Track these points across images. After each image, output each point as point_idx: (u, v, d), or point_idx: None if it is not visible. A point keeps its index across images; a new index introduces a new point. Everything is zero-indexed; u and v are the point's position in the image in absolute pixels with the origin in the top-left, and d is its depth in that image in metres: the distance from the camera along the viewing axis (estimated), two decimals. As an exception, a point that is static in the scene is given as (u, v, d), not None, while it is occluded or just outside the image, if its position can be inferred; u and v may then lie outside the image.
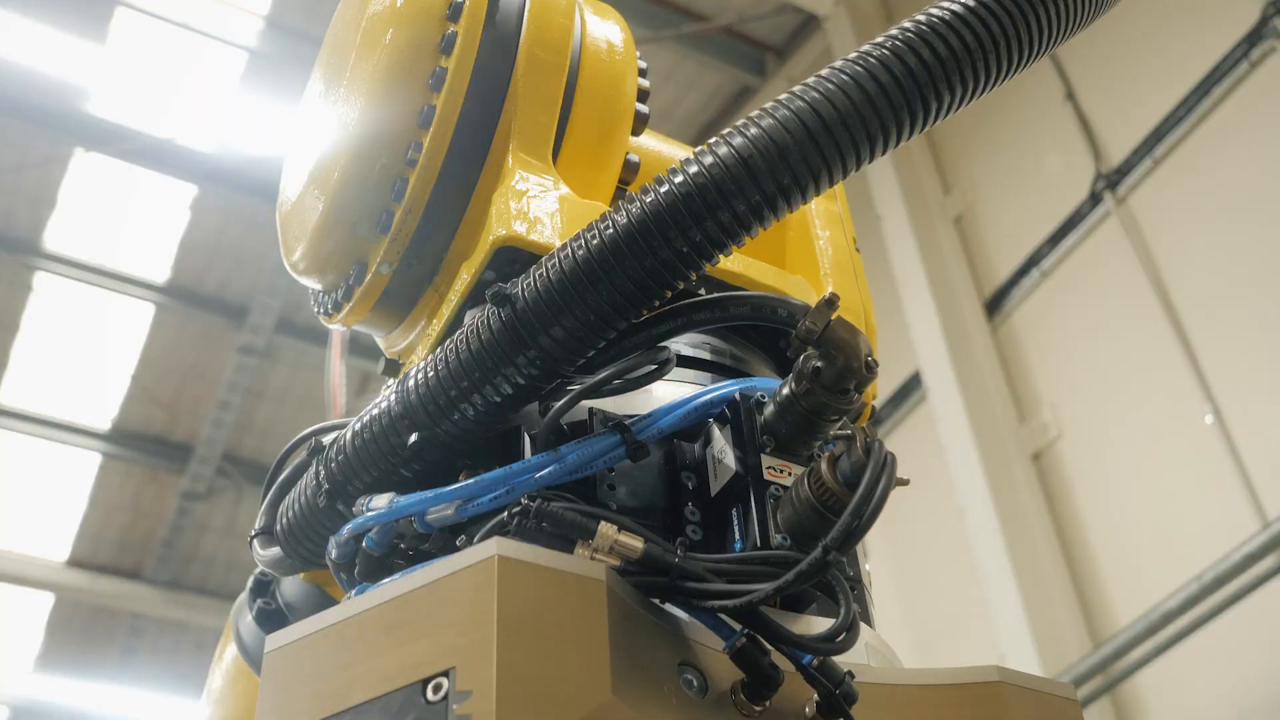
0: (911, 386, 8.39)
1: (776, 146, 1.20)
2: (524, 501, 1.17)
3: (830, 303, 1.24)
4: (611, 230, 1.23)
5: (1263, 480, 6.18)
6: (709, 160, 1.22)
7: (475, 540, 1.22)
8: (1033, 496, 7.27)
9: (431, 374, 1.31)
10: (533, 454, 1.34)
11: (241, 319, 11.74)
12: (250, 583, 2.08)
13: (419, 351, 1.65)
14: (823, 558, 1.09)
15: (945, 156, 8.76)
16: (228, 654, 2.05)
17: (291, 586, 1.98)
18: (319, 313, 1.82)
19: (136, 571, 13.33)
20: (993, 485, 7.16)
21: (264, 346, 11.93)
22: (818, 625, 1.26)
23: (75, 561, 13.06)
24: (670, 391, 1.43)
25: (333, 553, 1.39)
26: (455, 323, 1.57)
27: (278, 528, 1.47)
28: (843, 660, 1.18)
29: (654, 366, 1.32)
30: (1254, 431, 6.30)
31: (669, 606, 1.18)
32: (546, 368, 1.28)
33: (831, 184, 1.24)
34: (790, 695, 1.18)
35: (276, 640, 1.15)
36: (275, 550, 1.54)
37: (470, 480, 1.28)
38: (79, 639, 13.80)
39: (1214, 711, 6.16)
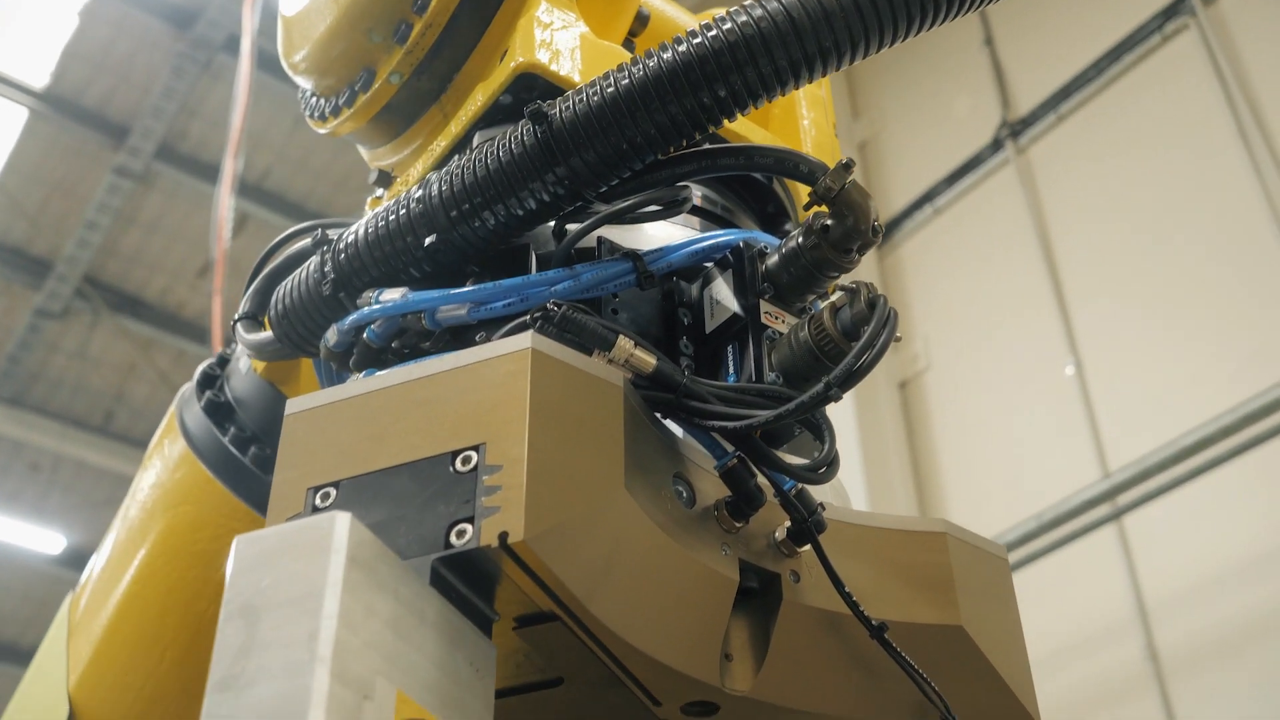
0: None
1: (823, 9, 1.27)
2: (549, 307, 1.24)
3: (847, 166, 1.32)
4: (657, 65, 1.28)
5: (1110, 435, 6.52)
6: (758, 13, 1.28)
7: (497, 338, 1.28)
8: (894, 421, 7.55)
9: (458, 181, 1.36)
10: (538, 271, 1.40)
11: (121, 139, 11.37)
12: (197, 375, 2.10)
13: (418, 167, 1.68)
14: (824, 392, 1.18)
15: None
16: (168, 447, 2.07)
17: (241, 382, 2.01)
18: (308, 115, 1.83)
19: (-23, 384, 12.97)
20: (858, 405, 7.40)
21: (141, 171, 11.59)
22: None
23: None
24: (668, 232, 1.50)
25: (331, 339, 1.43)
26: (463, 142, 1.61)
27: (272, 312, 1.51)
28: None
29: (675, 202, 1.38)
30: (1109, 388, 6.62)
31: (668, 423, 1.27)
32: (571, 189, 1.33)
33: (865, 54, 1.31)
34: (762, 520, 1.28)
35: (297, 405, 1.20)
36: (262, 335, 1.58)
37: (487, 284, 1.34)
38: (-90, 443, 13.42)
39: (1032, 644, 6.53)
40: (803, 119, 1.88)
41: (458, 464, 1.09)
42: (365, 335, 1.41)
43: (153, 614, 1.97)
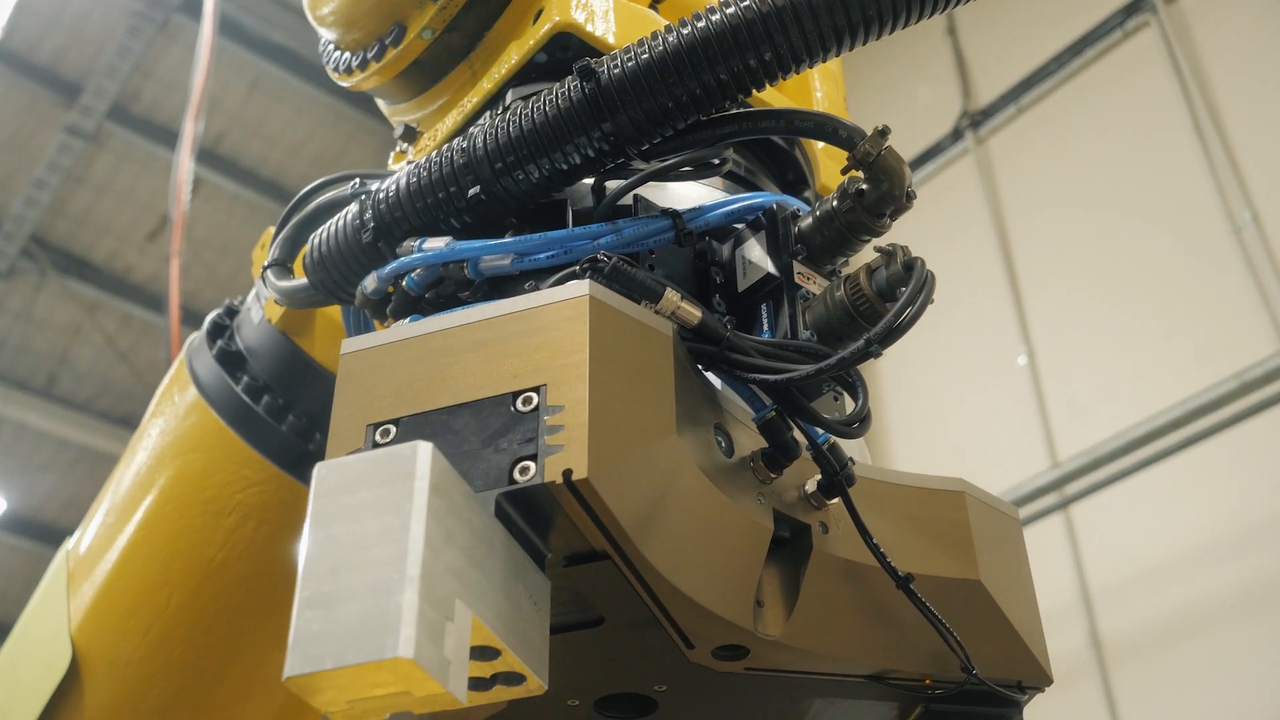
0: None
1: None
2: (600, 258, 1.27)
3: (883, 133, 1.37)
4: (707, 26, 1.32)
5: (1059, 425, 6.65)
6: None
7: (546, 286, 1.31)
8: (848, 405, 7.63)
9: (503, 134, 1.38)
10: (575, 226, 1.43)
11: (73, 98, 11.21)
12: (206, 325, 2.11)
13: (447, 122, 1.71)
14: (865, 348, 1.23)
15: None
16: (177, 395, 2.08)
17: (253, 332, 2.03)
18: (330, 68, 1.85)
19: (-84, 343, 12.77)
20: (813, 389, 7.46)
21: (93, 130, 11.44)
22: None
23: None
24: (698, 193, 1.54)
25: (369, 286, 1.46)
26: (496, 98, 1.64)
27: (308, 260, 1.52)
28: None
29: (716, 162, 1.42)
30: (1060, 379, 6.75)
31: (710, 376, 1.31)
32: (615, 145, 1.36)
33: (905, 24, 1.35)
34: (793, 473, 1.32)
35: (353, 345, 1.23)
36: (294, 281, 1.60)
37: (532, 235, 1.37)
38: None
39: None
40: (815, 91, 1.92)
41: (519, 404, 1.12)
42: (404, 283, 1.43)
43: (159, 559, 1.99)
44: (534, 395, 1.12)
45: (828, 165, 1.76)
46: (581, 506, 1.09)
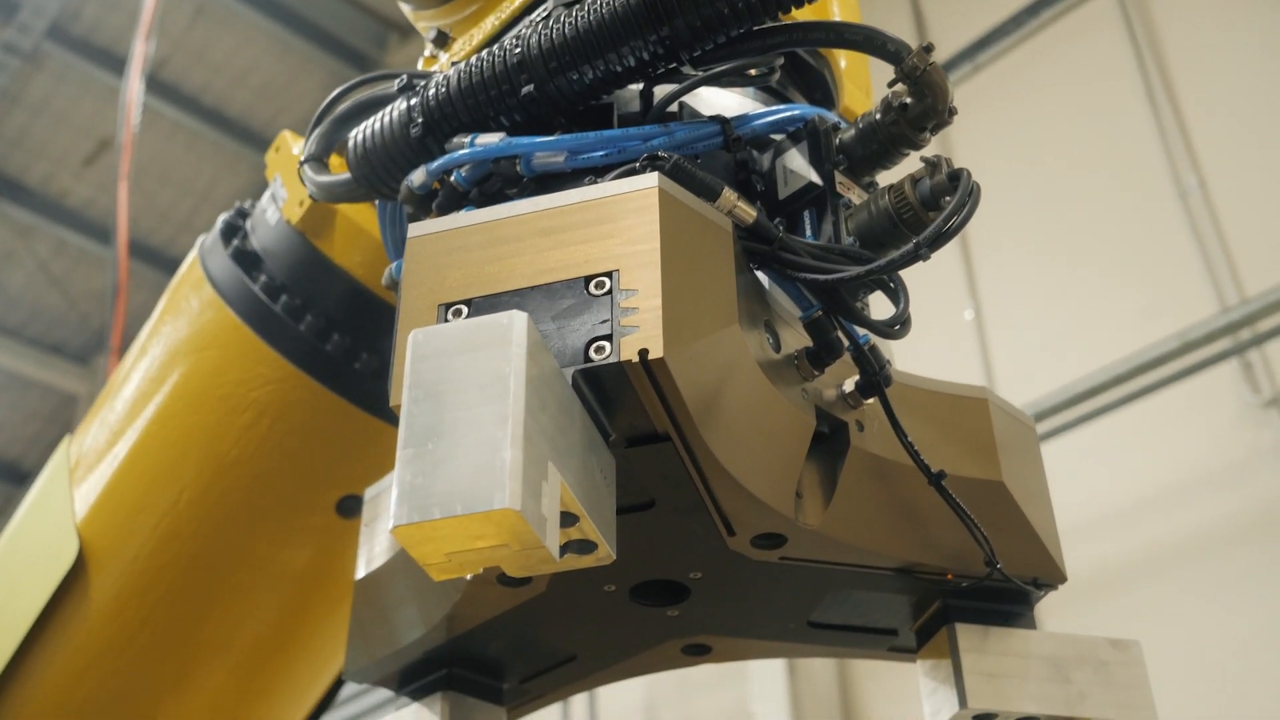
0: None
1: None
2: (660, 155, 1.31)
3: (928, 49, 1.41)
4: None
5: (1004, 379, 6.79)
6: None
7: (609, 179, 1.35)
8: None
9: (558, 35, 1.41)
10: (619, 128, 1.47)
11: (10, 15, 10.94)
12: (219, 225, 2.12)
13: (485, 26, 1.72)
14: (914, 252, 1.28)
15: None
16: (190, 294, 2.09)
17: (270, 233, 2.04)
18: None
19: None
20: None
21: (29, 50, 11.18)
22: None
23: None
24: (737, 102, 1.58)
25: (416, 180, 1.48)
26: (535, 3, 1.66)
27: (352, 155, 1.54)
28: None
29: (767, 71, 1.46)
30: (1006, 334, 6.88)
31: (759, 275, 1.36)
32: (670, 49, 1.40)
33: None
34: (831, 372, 1.37)
35: (420, 229, 1.26)
36: (334, 176, 1.61)
37: (587, 134, 1.40)
38: None
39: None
40: (834, 17, 1.96)
41: (591, 288, 1.16)
42: (452, 177, 1.46)
43: (171, 454, 2.00)
44: (606, 280, 1.16)
45: (850, 89, 1.80)
46: (652, 387, 1.13)
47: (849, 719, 6.80)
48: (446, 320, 1.19)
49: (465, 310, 1.19)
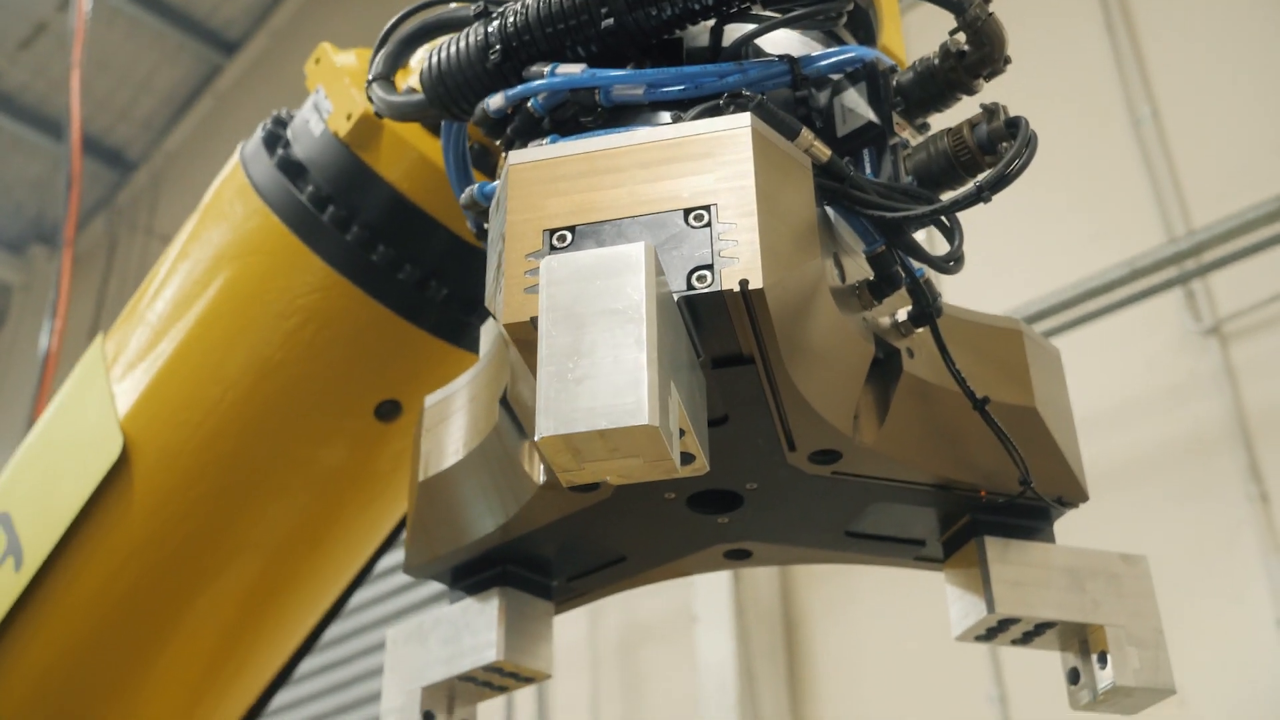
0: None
1: None
2: (744, 93, 1.39)
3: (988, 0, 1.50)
4: None
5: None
6: None
7: (691, 117, 1.43)
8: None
9: None
10: (689, 65, 1.54)
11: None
12: (262, 134, 2.16)
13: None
14: (977, 194, 1.38)
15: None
16: (234, 199, 2.13)
17: (315, 144, 2.09)
18: None
19: None
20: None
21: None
22: None
23: None
24: (790, 41, 1.65)
25: (493, 104, 1.54)
26: None
27: (426, 76, 1.59)
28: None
29: (837, 14, 1.54)
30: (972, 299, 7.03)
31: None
32: None
33: None
34: (885, 305, 1.48)
35: (520, 156, 1.33)
36: (406, 96, 1.67)
37: (666, 69, 1.48)
38: None
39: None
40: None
41: (691, 220, 1.24)
42: (529, 104, 1.53)
43: (216, 355, 2.06)
44: (704, 213, 1.25)
45: (889, 28, 1.88)
46: (746, 314, 1.23)
47: (789, 624, 7.04)
48: (552, 245, 1.26)
49: (569, 237, 1.26)
